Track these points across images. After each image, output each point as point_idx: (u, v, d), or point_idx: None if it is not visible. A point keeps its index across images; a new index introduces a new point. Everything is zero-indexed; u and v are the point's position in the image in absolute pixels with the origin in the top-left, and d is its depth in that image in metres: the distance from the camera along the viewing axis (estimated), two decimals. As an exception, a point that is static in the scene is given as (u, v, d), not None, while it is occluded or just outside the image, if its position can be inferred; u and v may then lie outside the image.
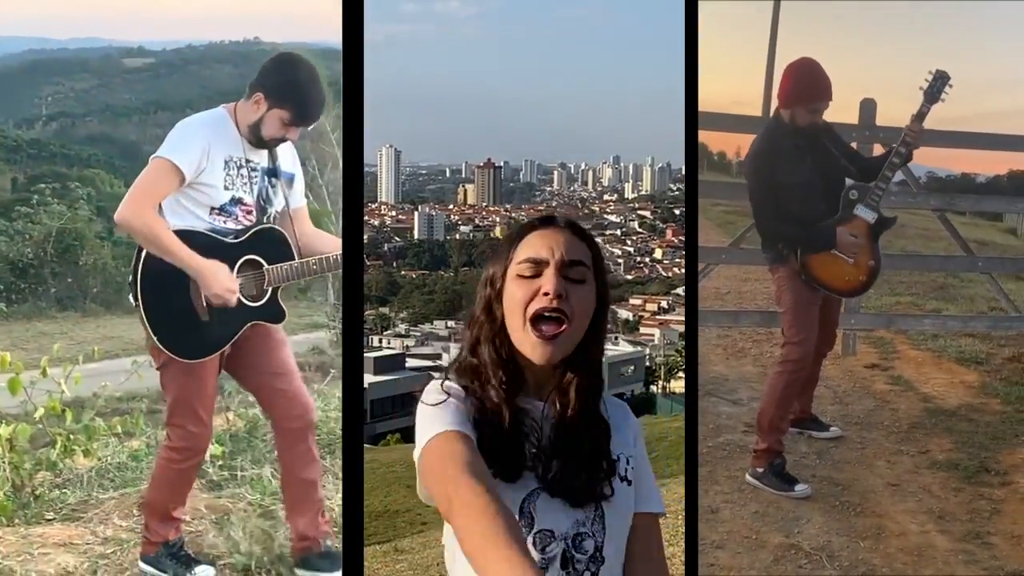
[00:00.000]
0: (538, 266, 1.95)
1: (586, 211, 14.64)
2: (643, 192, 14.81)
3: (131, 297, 3.64)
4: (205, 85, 15.67)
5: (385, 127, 14.06)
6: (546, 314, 1.92)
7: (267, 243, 3.69)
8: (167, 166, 3.52)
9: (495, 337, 1.97)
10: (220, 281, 3.57)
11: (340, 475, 4.60)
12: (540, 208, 15.04)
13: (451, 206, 15.18)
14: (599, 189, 15.04)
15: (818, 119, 4.45)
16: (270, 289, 3.71)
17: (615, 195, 14.86)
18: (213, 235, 3.61)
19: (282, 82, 3.61)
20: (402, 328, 13.98)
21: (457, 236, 15.14)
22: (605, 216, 14.57)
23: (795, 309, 4.55)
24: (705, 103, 4.75)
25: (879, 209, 4.54)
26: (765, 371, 5.66)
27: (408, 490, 1.88)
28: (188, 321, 3.63)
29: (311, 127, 3.77)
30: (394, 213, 14.52)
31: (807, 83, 4.43)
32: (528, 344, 1.93)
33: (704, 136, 6.36)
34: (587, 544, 1.93)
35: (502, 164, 15.31)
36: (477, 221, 15.22)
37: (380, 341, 13.27)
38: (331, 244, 3.82)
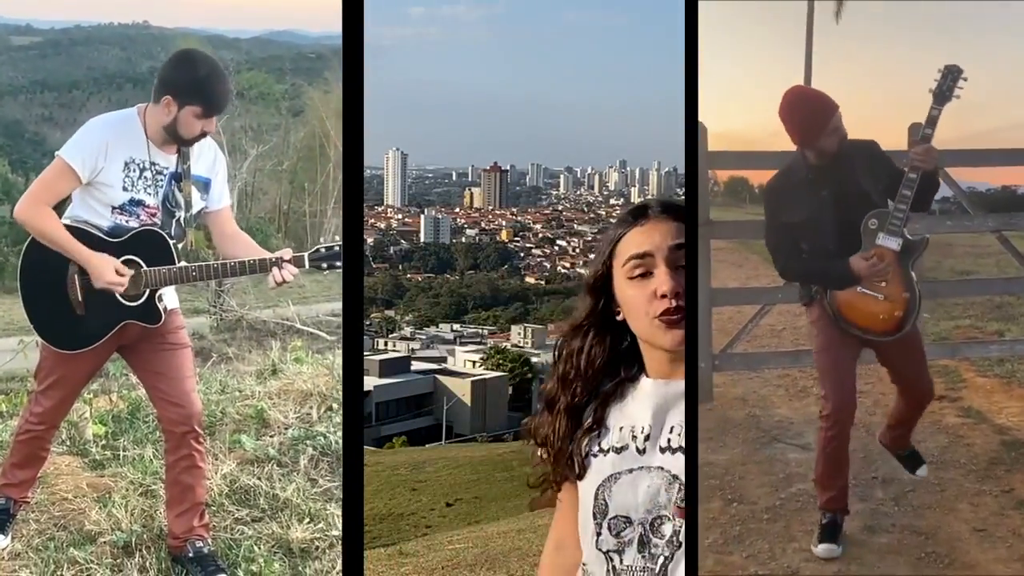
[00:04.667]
0: (646, 260, 1.99)
1: (592, 215, 14.76)
2: (649, 196, 14.96)
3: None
4: (92, 67, 15.50)
5: (392, 130, 14.03)
6: (671, 316, 1.97)
7: (147, 245, 3.77)
8: (62, 166, 3.70)
9: (603, 340, 2.06)
10: (105, 274, 3.71)
11: (219, 456, 4.81)
12: (546, 212, 15.15)
13: (457, 209, 15.23)
14: (605, 193, 15.19)
15: (841, 137, 4.01)
16: (147, 291, 3.79)
17: (621, 199, 14.99)
18: (96, 232, 3.74)
19: (186, 79, 3.73)
20: (408, 331, 13.99)
21: (463, 239, 15.16)
22: (611, 220, 14.72)
23: (823, 355, 4.19)
24: (743, 140, 4.39)
25: (903, 234, 4.03)
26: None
27: (412, 493, 2.02)
28: (64, 313, 3.80)
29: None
30: (400, 216, 14.49)
31: (800, 117, 4.07)
32: (658, 336, 1.98)
33: (743, 171, 6.29)
34: (666, 528, 1.97)
35: (508, 168, 15.40)
36: (483, 224, 15.27)
37: (386, 344, 13.29)
38: (248, 247, 3.92)
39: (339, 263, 3.78)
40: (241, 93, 12.46)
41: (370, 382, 12.37)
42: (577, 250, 14.80)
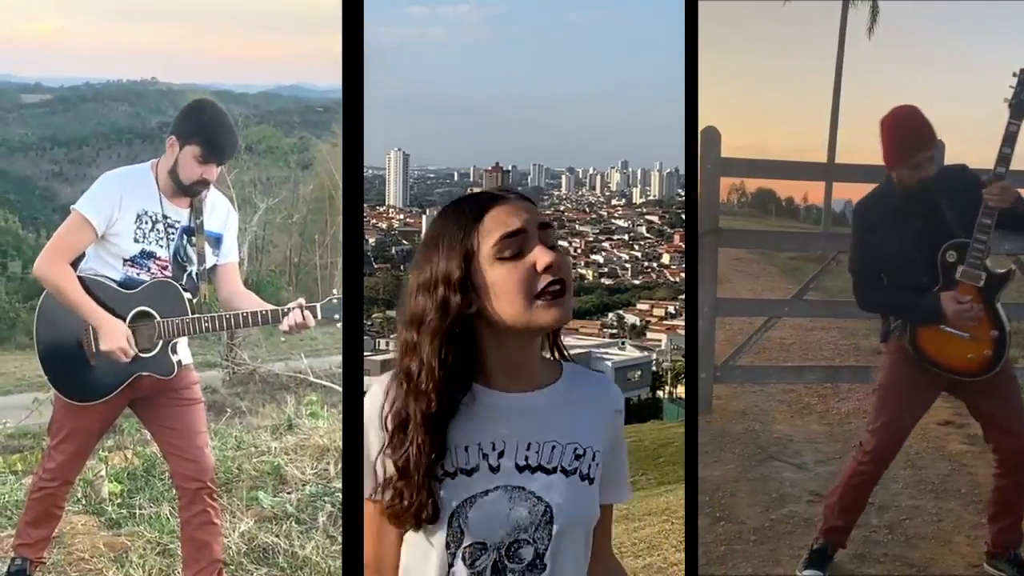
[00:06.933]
0: (519, 237, 1.84)
1: (594, 215, 14.79)
2: (651, 197, 14.96)
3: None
4: (101, 122, 15.67)
5: (393, 130, 14.05)
6: (552, 288, 1.82)
7: (162, 297, 3.78)
8: (79, 219, 3.72)
9: (448, 338, 1.85)
10: (115, 340, 3.70)
11: (236, 514, 4.76)
12: (547, 212, 15.20)
13: None
14: (607, 194, 15.15)
15: (923, 172, 3.72)
16: (160, 342, 3.79)
17: (623, 200, 14.98)
18: (110, 283, 3.76)
19: (190, 122, 3.77)
20: None
21: None
22: (613, 221, 14.69)
23: (882, 389, 3.93)
24: (770, 151, 4.43)
25: (986, 267, 3.72)
26: (832, 430, 5.23)
27: None
28: (79, 364, 3.79)
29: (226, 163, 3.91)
30: (402, 216, 14.52)
31: (895, 138, 3.75)
32: (540, 315, 1.82)
33: (771, 182, 6.15)
34: (524, 552, 1.84)
35: (510, 168, 15.36)
36: None
37: (387, 344, 13.28)
38: (255, 302, 3.90)
39: None
40: (250, 147, 12.50)
41: (371, 382, 12.30)
42: (579, 250, 14.78)
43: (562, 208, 15.42)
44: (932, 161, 3.73)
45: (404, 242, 14.47)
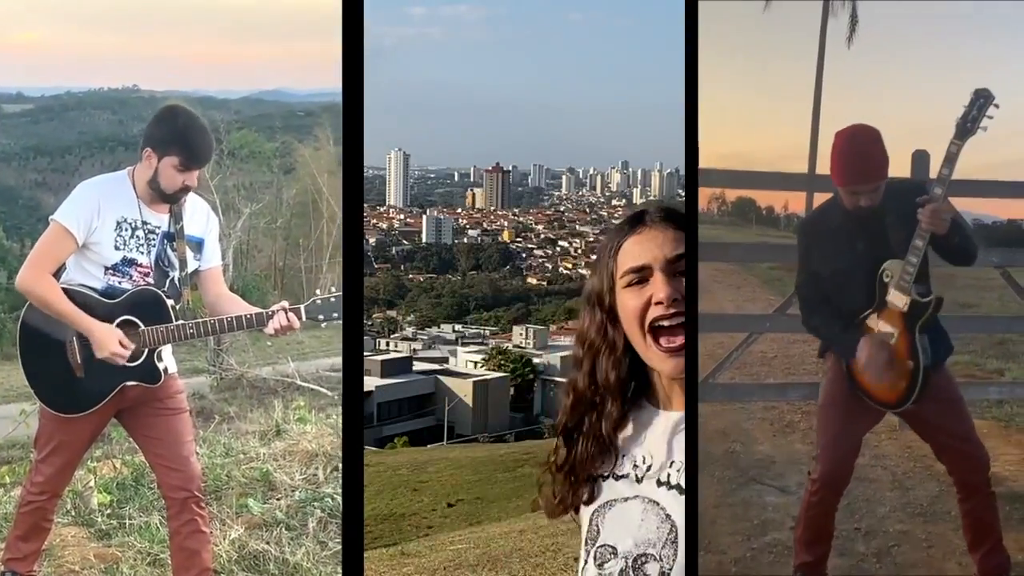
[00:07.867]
0: (643, 272, 1.90)
1: (594, 216, 14.74)
2: (652, 197, 14.97)
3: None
4: (84, 131, 15.69)
5: (394, 131, 14.05)
6: (665, 323, 1.88)
7: (145, 305, 3.78)
8: (59, 229, 3.71)
9: (614, 357, 1.94)
10: (108, 345, 3.70)
11: (226, 521, 4.76)
12: (548, 212, 15.13)
13: (459, 210, 15.28)
14: (607, 194, 15.21)
15: (861, 202, 3.55)
16: (146, 350, 3.78)
17: (623, 200, 15.02)
18: (93, 294, 3.75)
19: (165, 132, 3.76)
20: (409, 331, 13.97)
21: (465, 240, 15.19)
22: (614, 221, 14.66)
23: (824, 412, 3.80)
24: (752, 161, 4.34)
25: (912, 291, 3.57)
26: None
27: (414, 493, 1.91)
28: (64, 376, 3.79)
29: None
30: (402, 216, 14.51)
31: (842, 160, 3.56)
32: (654, 358, 1.90)
33: (752, 192, 6.11)
34: (650, 568, 1.87)
35: (510, 168, 15.45)
36: (485, 225, 15.34)
37: (387, 344, 13.26)
38: (241, 306, 3.90)
39: (336, 314, 3.75)
40: (232, 152, 12.48)
41: (372, 382, 12.38)
42: (579, 251, 14.81)
43: (563, 208, 15.44)
44: (876, 192, 3.56)
45: (404, 242, 14.53)
